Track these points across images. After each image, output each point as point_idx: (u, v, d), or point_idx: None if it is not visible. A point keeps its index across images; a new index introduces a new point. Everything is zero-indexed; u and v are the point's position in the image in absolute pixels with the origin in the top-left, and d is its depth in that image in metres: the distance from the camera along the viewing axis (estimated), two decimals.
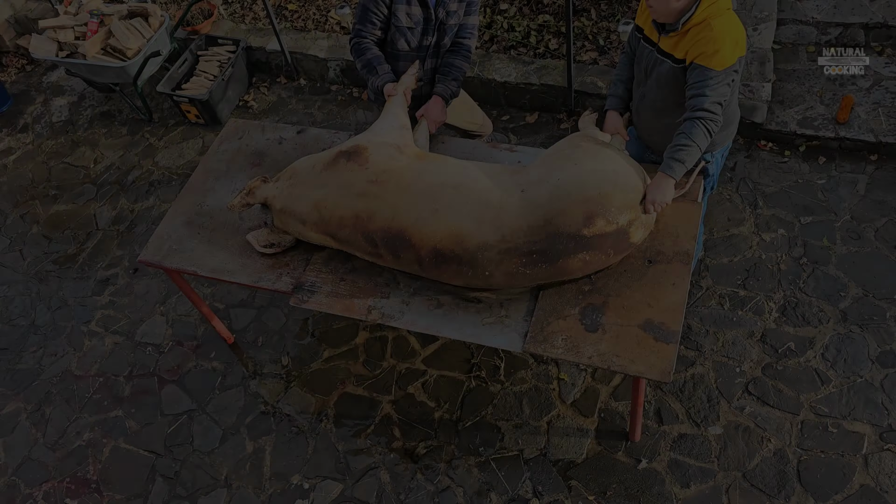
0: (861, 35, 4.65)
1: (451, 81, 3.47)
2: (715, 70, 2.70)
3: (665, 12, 2.74)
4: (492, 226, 2.84)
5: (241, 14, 5.89)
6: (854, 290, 3.78)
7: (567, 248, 2.78)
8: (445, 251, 2.88)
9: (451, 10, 3.36)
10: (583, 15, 5.18)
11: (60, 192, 5.22)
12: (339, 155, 3.14)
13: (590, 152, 2.92)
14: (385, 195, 2.98)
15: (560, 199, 2.79)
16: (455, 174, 3.00)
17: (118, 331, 4.35)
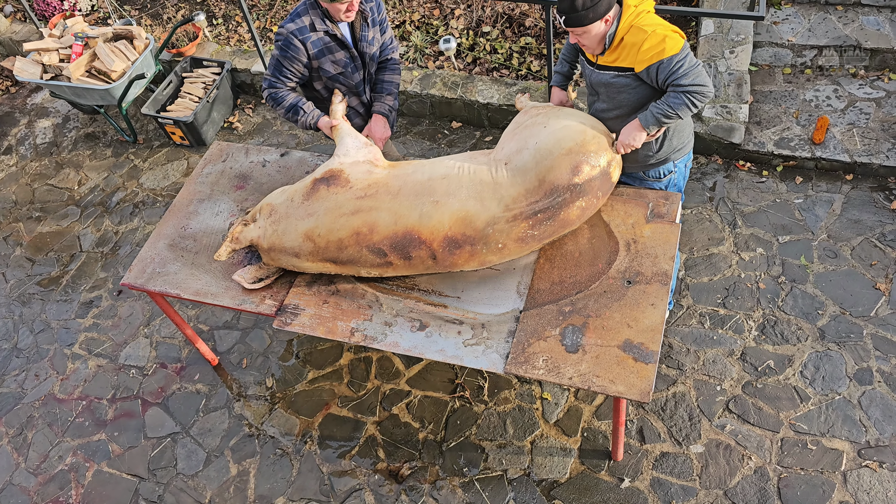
0: (835, 57, 4.76)
1: (387, 97, 3.58)
2: (675, 54, 2.80)
3: (596, 42, 2.88)
4: (494, 199, 3.00)
5: (225, 36, 5.93)
6: (831, 309, 3.84)
7: (565, 199, 2.98)
8: (457, 236, 3.00)
9: (369, 38, 3.44)
10: (564, 37, 5.26)
11: (44, 214, 5.21)
12: (316, 183, 3.18)
13: (552, 115, 3.13)
14: (380, 205, 3.06)
15: (545, 157, 2.98)
16: (437, 167, 3.13)
17: (102, 353, 4.33)
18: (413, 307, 3.15)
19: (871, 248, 4.03)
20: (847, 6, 4.92)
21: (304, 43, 3.30)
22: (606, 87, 3.02)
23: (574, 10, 2.76)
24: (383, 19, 3.50)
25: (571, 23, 2.80)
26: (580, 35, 2.86)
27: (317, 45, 3.32)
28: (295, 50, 3.30)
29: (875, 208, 4.19)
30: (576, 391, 3.74)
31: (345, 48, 3.38)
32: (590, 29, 2.81)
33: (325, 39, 3.33)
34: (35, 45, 5.27)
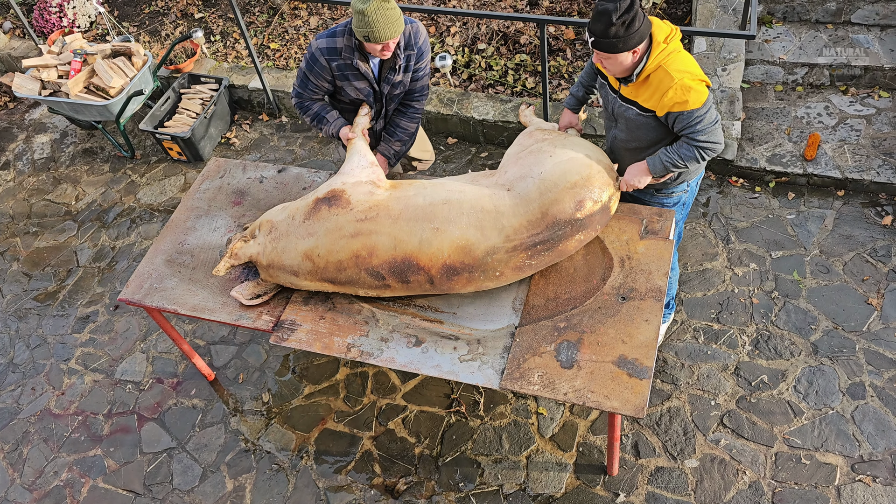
0: (826, 75, 4.82)
1: (395, 142, 3.59)
2: (697, 108, 2.82)
3: (621, 70, 2.86)
4: (494, 229, 3.00)
5: (223, 53, 5.98)
6: (824, 324, 3.87)
7: (565, 232, 3.01)
8: (456, 264, 3.01)
9: (396, 81, 3.42)
10: (558, 55, 5.32)
11: (41, 229, 5.23)
12: (318, 202, 3.18)
13: (558, 143, 3.13)
14: (380, 228, 3.06)
15: (549, 190, 2.99)
16: (438, 191, 3.12)
17: (98, 368, 4.34)
18: (409, 323, 3.17)
19: (862, 264, 4.07)
20: (837, 25, 4.99)
21: (329, 63, 3.32)
22: (627, 120, 3.03)
23: (605, 36, 2.72)
24: (420, 68, 3.44)
25: (600, 47, 2.76)
26: (605, 59, 2.82)
27: (341, 69, 3.34)
28: (320, 67, 3.35)
29: (866, 224, 4.23)
30: (571, 406, 3.76)
31: (366, 80, 3.39)
32: (617, 57, 2.78)
33: (351, 67, 3.33)
34: (34, 61, 5.31)
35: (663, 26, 2.85)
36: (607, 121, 3.22)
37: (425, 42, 3.39)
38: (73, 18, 6.36)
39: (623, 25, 2.69)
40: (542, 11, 5.62)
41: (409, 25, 3.34)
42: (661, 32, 2.83)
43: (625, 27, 2.69)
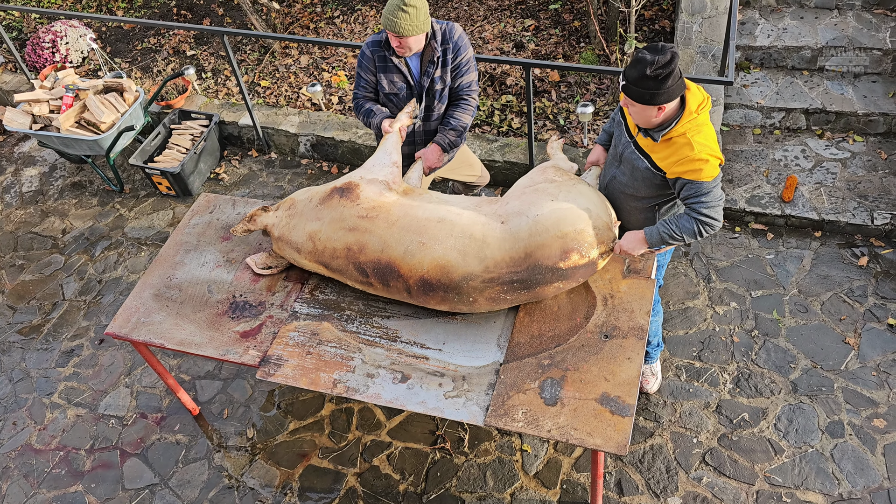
0: (802, 119, 4.97)
1: (450, 131, 3.71)
2: (707, 182, 2.83)
3: (644, 121, 2.85)
4: (476, 258, 3.06)
5: (214, 90, 6.07)
6: (803, 362, 3.94)
7: (545, 278, 3.04)
8: (432, 281, 3.10)
9: (436, 77, 3.61)
10: (544, 96, 5.45)
11: (27, 262, 5.23)
12: (333, 191, 3.37)
13: (564, 188, 3.16)
14: (375, 229, 3.21)
15: (539, 233, 3.03)
16: (439, 209, 3.23)
17: (81, 403, 4.31)
18: (395, 359, 3.20)
19: (840, 304, 4.16)
20: (812, 72, 5.16)
21: (373, 54, 3.60)
22: (633, 168, 3.04)
23: (637, 84, 2.72)
24: (462, 63, 3.61)
25: (629, 93, 2.76)
26: (631, 105, 2.82)
27: (381, 60, 3.60)
28: (367, 60, 3.63)
29: (843, 264, 4.34)
30: (555, 443, 3.78)
31: (401, 74, 3.60)
32: (643, 108, 2.78)
33: (389, 59, 3.58)
34: (26, 96, 5.37)
35: (697, 94, 2.86)
36: (611, 159, 3.23)
37: (461, 38, 3.58)
38: (65, 54, 6.44)
39: (656, 79, 2.67)
40: (527, 54, 5.77)
41: (444, 24, 3.58)
42: (694, 100, 2.83)
43: (657, 81, 2.68)
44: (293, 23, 6.58)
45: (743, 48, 5.21)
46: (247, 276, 3.65)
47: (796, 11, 5.37)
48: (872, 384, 3.80)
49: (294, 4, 6.80)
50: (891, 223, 4.38)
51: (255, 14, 6.23)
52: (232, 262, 3.72)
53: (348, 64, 6.07)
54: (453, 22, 3.64)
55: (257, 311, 3.49)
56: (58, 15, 5.57)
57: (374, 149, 5.32)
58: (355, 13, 6.53)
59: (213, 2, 7.10)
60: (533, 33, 5.96)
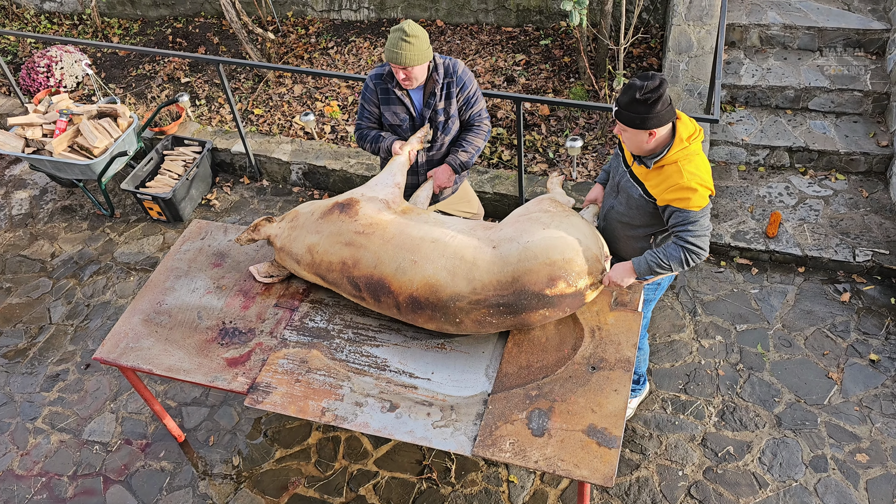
0: (786, 157, 5.08)
1: (461, 152, 3.76)
2: (695, 211, 2.90)
3: (636, 147, 2.94)
4: (464, 279, 3.11)
5: (207, 117, 6.12)
6: (787, 396, 3.98)
7: (531, 304, 3.07)
8: (421, 299, 3.16)
9: (439, 108, 3.66)
10: (534, 129, 5.54)
11: (15, 285, 5.21)
12: (335, 205, 3.44)
13: (557, 218, 3.21)
14: (370, 245, 3.28)
15: (528, 259, 3.07)
16: (433, 230, 3.28)
17: (65, 428, 4.28)
18: (384, 388, 3.21)
19: (823, 339, 4.22)
20: (796, 111, 5.29)
21: (376, 87, 3.67)
22: (628, 196, 3.12)
23: (627, 108, 2.82)
24: (471, 96, 3.69)
25: (621, 117, 2.87)
26: (623, 131, 2.92)
27: (384, 93, 3.67)
28: (370, 92, 3.70)
29: (826, 300, 4.41)
30: (542, 474, 3.79)
31: (404, 106, 3.66)
32: (634, 132, 2.87)
33: (392, 91, 3.64)
34: (19, 119, 5.39)
35: (689, 124, 2.93)
36: (610, 189, 3.30)
37: (465, 72, 3.67)
38: (60, 79, 6.49)
39: (646, 103, 2.77)
40: (518, 88, 5.88)
41: (447, 59, 3.67)
42: (685, 130, 2.90)
43: (647, 105, 2.78)
44: (287, 53, 6.67)
45: (728, 87, 5.33)
46: (237, 303, 3.66)
47: (780, 52, 5.51)
48: (855, 419, 3.85)
49: (289, 35, 6.90)
50: (872, 260, 4.47)
51: (251, 43, 6.31)
52: (222, 289, 3.73)
53: (341, 94, 6.15)
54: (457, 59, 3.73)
55: (247, 338, 3.50)
56: (54, 40, 5.63)
57: (366, 179, 5.37)
58: (349, 44, 6.63)
59: (209, 30, 7.19)
60: (524, 68, 6.07)
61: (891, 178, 4.84)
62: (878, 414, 3.85)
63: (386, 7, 6.81)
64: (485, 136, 3.80)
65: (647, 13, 6.15)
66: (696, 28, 5.25)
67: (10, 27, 7.70)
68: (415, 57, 3.42)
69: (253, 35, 6.78)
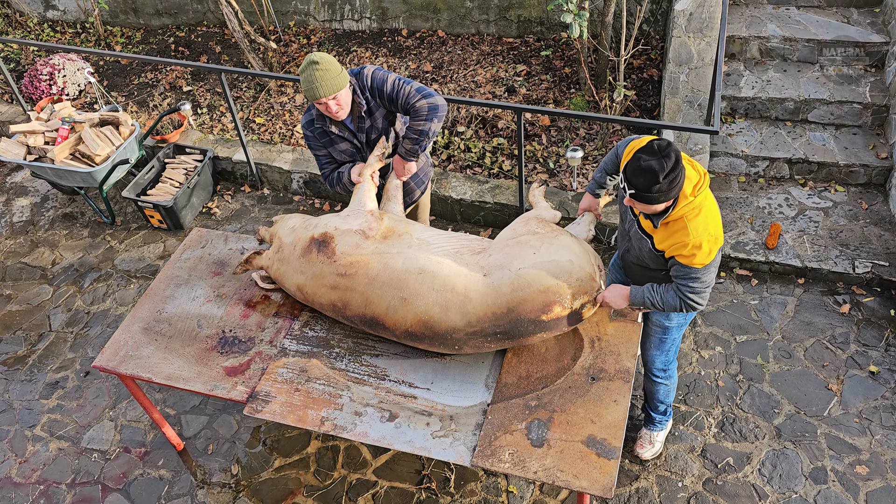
0: (786, 168, 5.09)
1: (406, 141, 3.49)
2: (698, 268, 2.85)
3: (649, 212, 2.84)
4: (458, 312, 3.08)
5: (209, 125, 6.14)
6: (787, 408, 3.98)
7: (528, 329, 3.07)
8: (417, 333, 3.16)
9: (377, 126, 3.51)
10: (534, 139, 5.56)
11: (15, 292, 5.21)
12: (312, 242, 3.37)
13: (547, 240, 3.16)
14: (355, 286, 3.23)
15: (521, 288, 3.04)
16: (419, 256, 3.20)
17: (64, 436, 4.27)
18: (383, 398, 3.21)
19: (822, 350, 4.22)
20: (795, 122, 5.30)
21: (313, 132, 3.58)
22: (640, 247, 3.06)
23: (648, 191, 2.68)
24: (392, 92, 3.44)
25: (641, 199, 2.73)
26: (637, 206, 2.81)
27: (322, 136, 3.58)
28: (312, 140, 3.61)
29: (826, 311, 4.41)
30: (541, 485, 3.78)
31: (346, 140, 3.57)
32: (654, 207, 2.78)
33: (328, 130, 3.54)
34: (21, 127, 5.41)
35: (693, 175, 2.83)
36: (623, 233, 3.23)
37: (374, 75, 3.44)
38: (62, 86, 6.51)
39: (668, 183, 2.66)
40: (519, 99, 5.90)
41: (359, 72, 3.46)
42: (689, 184, 2.80)
43: (669, 184, 2.67)
44: (289, 62, 6.69)
45: (728, 98, 5.35)
46: (237, 312, 3.67)
47: (780, 65, 5.53)
48: (855, 431, 3.84)
49: (291, 44, 6.93)
50: (872, 272, 4.47)
51: (253, 53, 6.34)
52: (222, 297, 3.74)
53: None
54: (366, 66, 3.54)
55: (246, 347, 3.50)
56: (56, 48, 5.65)
57: None
58: (351, 54, 6.66)
59: (211, 39, 7.22)
60: (524, 78, 6.10)
61: (890, 190, 4.85)
62: (877, 426, 3.85)
63: (388, 17, 6.85)
64: (426, 116, 3.41)
65: (647, 25, 6.18)
66: (696, 40, 5.28)
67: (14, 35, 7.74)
68: (336, 82, 3.26)
69: (255, 44, 6.80)
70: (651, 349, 3.50)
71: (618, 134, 5.50)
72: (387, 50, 6.64)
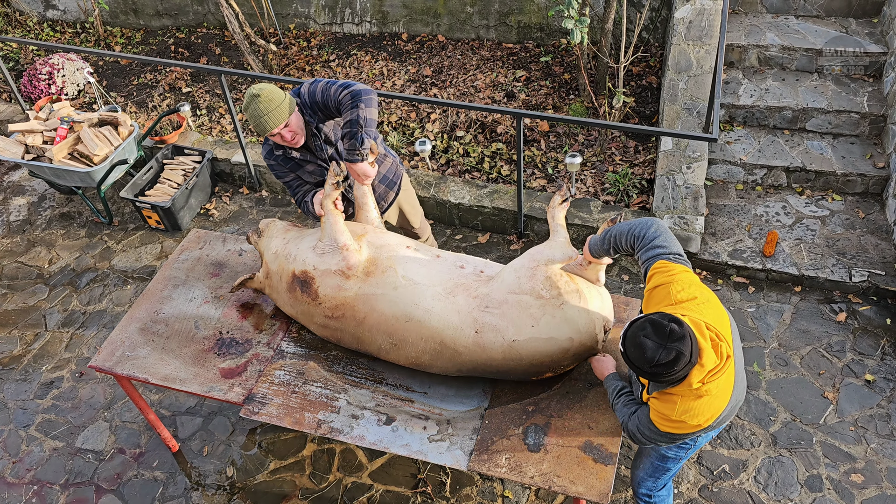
0: (783, 177, 5.11)
1: (343, 140, 3.31)
2: (656, 426, 2.58)
3: None
4: (449, 361, 3.12)
5: (208, 127, 6.14)
6: (783, 415, 3.98)
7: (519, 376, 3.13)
8: (412, 368, 3.25)
9: (331, 140, 3.42)
10: (533, 145, 5.57)
11: (11, 292, 5.19)
12: (294, 280, 3.31)
13: (549, 309, 2.91)
14: (345, 327, 3.24)
15: (513, 359, 3.01)
16: (405, 301, 3.08)
17: (58, 436, 4.25)
18: (381, 401, 3.21)
19: (819, 358, 4.23)
20: (793, 131, 5.32)
21: (276, 161, 3.47)
22: (637, 389, 2.80)
23: (641, 373, 2.42)
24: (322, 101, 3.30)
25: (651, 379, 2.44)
26: None
27: (287, 161, 3.46)
28: (277, 168, 3.50)
29: (822, 320, 4.42)
30: (537, 490, 3.78)
31: (309, 162, 3.46)
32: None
33: (290, 156, 3.44)
34: (20, 126, 5.40)
35: (709, 361, 2.42)
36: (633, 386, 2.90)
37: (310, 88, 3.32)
38: (61, 86, 6.50)
39: (666, 372, 2.37)
40: (518, 104, 5.91)
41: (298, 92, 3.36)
42: (699, 372, 2.42)
43: (667, 373, 2.38)
44: (289, 65, 6.70)
45: (727, 106, 5.37)
46: (235, 313, 3.66)
47: (778, 73, 5.56)
48: (851, 439, 3.85)
49: (291, 47, 6.94)
50: (868, 281, 4.48)
51: (253, 55, 6.34)
52: (220, 299, 3.73)
53: None
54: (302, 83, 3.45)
55: (244, 349, 3.50)
56: (56, 48, 5.65)
57: None
58: (351, 58, 6.66)
59: (211, 41, 7.23)
60: (524, 84, 6.11)
61: (887, 200, 4.87)
62: (873, 434, 3.86)
63: (388, 21, 6.86)
64: (352, 104, 3.20)
65: (647, 32, 6.20)
66: (695, 48, 5.30)
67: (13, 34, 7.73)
68: (282, 110, 3.16)
69: (255, 46, 6.81)
70: (640, 469, 3.13)
71: (616, 140, 5.51)
72: (387, 54, 6.65)
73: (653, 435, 2.62)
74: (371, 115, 3.23)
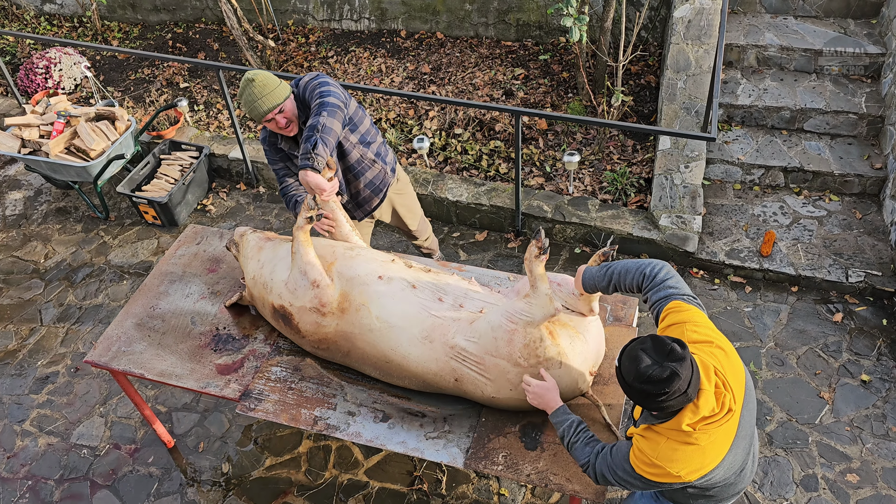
0: (781, 177, 5.11)
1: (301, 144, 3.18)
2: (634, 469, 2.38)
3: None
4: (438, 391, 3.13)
5: (206, 122, 6.12)
6: (779, 415, 3.99)
7: None
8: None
9: None
10: (531, 143, 5.56)
11: (6, 286, 5.17)
12: (274, 311, 3.30)
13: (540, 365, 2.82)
14: (332, 356, 3.28)
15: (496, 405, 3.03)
16: (383, 348, 3.04)
17: (53, 431, 4.24)
18: (377, 398, 3.20)
19: (815, 358, 4.23)
20: (791, 131, 5.33)
21: (270, 147, 3.51)
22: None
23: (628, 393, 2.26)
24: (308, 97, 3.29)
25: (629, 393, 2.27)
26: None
27: (277, 152, 3.51)
28: (269, 154, 3.54)
29: (819, 320, 4.42)
30: (532, 488, 3.78)
31: (296, 156, 3.46)
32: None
33: (279, 147, 3.48)
34: (16, 120, 5.38)
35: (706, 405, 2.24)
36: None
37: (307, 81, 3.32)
38: (58, 80, 6.48)
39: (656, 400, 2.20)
40: (516, 102, 5.91)
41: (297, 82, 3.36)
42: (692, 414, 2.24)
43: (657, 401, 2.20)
44: (287, 61, 6.68)
45: (725, 106, 5.37)
46: (231, 309, 3.65)
47: (776, 73, 5.56)
48: (846, 439, 3.86)
49: (289, 43, 6.92)
50: (865, 281, 4.49)
51: (251, 50, 6.33)
52: (217, 295, 3.72)
53: None
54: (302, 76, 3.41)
55: (240, 345, 3.49)
56: (53, 42, 5.62)
57: None
58: (349, 54, 6.65)
59: (209, 36, 7.21)
60: (522, 82, 6.10)
61: (884, 201, 4.88)
62: (868, 434, 3.87)
63: (387, 18, 6.85)
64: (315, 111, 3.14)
65: (645, 31, 6.20)
66: (694, 47, 5.30)
67: (10, 28, 7.70)
68: (277, 94, 3.17)
69: (253, 42, 6.79)
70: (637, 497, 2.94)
71: (615, 139, 5.51)
72: (385, 51, 6.64)
73: (627, 477, 2.40)
74: (330, 125, 3.11)
